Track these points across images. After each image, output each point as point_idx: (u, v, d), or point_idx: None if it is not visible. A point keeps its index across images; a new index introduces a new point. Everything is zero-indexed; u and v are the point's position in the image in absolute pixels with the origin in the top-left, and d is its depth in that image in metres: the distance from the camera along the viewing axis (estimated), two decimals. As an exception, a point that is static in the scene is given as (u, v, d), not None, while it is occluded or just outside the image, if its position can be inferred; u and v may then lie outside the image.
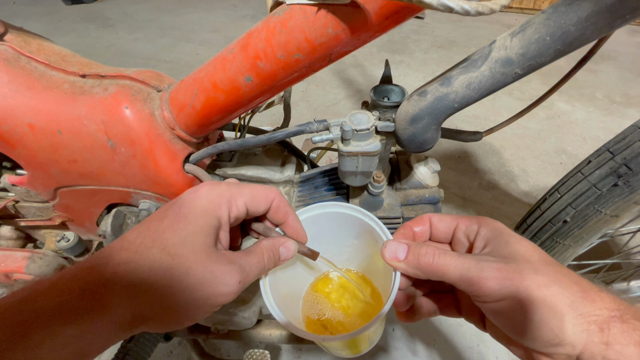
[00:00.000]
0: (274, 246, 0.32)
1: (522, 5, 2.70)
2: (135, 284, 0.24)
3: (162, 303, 0.25)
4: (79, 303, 0.23)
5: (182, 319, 0.27)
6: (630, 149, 0.49)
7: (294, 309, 0.40)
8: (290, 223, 0.34)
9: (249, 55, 0.35)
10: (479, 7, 0.24)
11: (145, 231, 0.27)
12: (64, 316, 0.22)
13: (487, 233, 0.30)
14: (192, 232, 0.27)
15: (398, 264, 0.30)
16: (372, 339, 0.39)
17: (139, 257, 0.25)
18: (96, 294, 0.23)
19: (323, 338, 0.30)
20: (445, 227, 0.33)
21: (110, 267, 0.25)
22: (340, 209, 0.38)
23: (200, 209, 0.28)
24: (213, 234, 0.28)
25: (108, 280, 0.24)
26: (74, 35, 2.57)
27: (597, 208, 0.53)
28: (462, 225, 0.32)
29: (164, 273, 0.25)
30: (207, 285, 0.26)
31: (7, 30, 0.42)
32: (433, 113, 0.35)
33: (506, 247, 0.28)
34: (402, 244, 0.30)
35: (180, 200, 0.29)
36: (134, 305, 0.24)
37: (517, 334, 0.25)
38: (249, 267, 0.29)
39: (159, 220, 0.28)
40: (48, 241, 0.59)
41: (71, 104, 0.41)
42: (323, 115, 1.65)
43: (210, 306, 0.27)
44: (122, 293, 0.24)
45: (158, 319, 0.26)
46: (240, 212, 0.31)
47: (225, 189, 0.30)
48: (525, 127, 1.53)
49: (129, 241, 0.27)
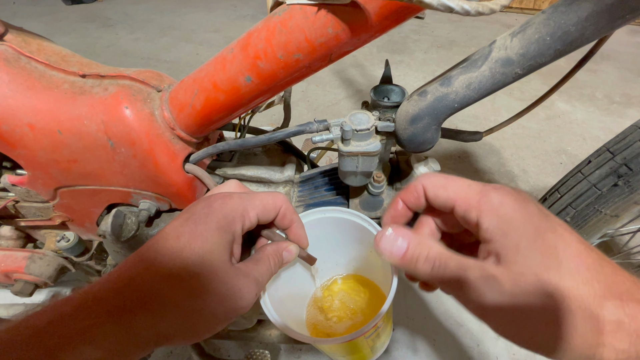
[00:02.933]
0: (278, 251, 0.33)
1: (522, 5, 2.70)
2: (158, 305, 0.25)
3: (185, 322, 0.26)
4: (105, 328, 0.23)
5: (203, 334, 0.28)
6: (630, 149, 0.49)
7: (297, 312, 0.40)
8: (294, 229, 0.35)
9: (249, 55, 0.35)
10: (479, 7, 0.24)
11: (163, 249, 0.27)
12: (91, 340, 0.23)
13: (490, 226, 0.23)
14: (209, 251, 0.27)
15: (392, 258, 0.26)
16: (375, 347, 0.39)
17: (159, 279, 0.26)
18: (122, 318, 0.24)
19: (315, 340, 0.30)
20: (440, 203, 0.27)
21: (132, 289, 0.25)
22: (340, 214, 0.38)
23: (216, 225, 0.28)
24: (229, 249, 0.29)
25: (132, 304, 0.25)
26: (74, 35, 2.57)
27: (597, 208, 0.53)
28: (459, 209, 0.25)
29: (185, 292, 0.26)
30: (228, 301, 0.27)
31: (7, 30, 0.42)
32: (433, 113, 0.35)
33: (515, 257, 0.21)
34: (399, 237, 0.26)
35: (194, 215, 0.29)
36: (158, 327, 0.25)
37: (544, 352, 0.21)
38: (261, 277, 0.30)
39: (175, 238, 0.28)
40: (48, 241, 0.59)
41: (71, 104, 0.41)
42: (323, 115, 1.65)
43: (229, 319, 0.28)
44: (146, 316, 0.25)
45: (181, 336, 0.26)
46: (252, 224, 0.32)
47: (238, 203, 0.30)
48: (525, 127, 1.53)
49: (148, 261, 0.27)
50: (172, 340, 0.26)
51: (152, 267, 0.26)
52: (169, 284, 0.26)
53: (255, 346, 0.80)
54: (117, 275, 0.26)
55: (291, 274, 0.39)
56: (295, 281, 0.40)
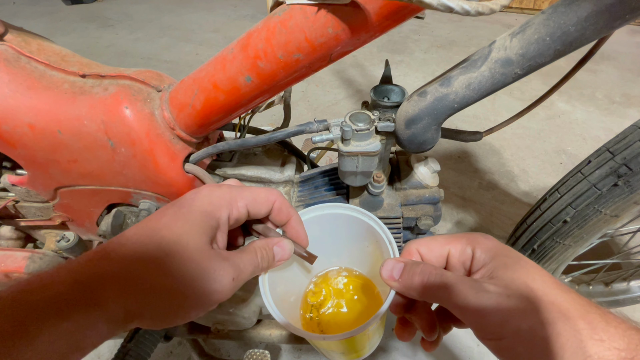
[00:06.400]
0: (267, 245, 0.32)
1: (522, 5, 2.70)
2: (129, 280, 0.25)
3: (155, 300, 0.25)
4: (73, 296, 0.23)
5: (175, 316, 0.27)
6: (630, 149, 0.49)
7: (292, 309, 0.40)
8: (292, 225, 0.34)
9: (249, 55, 0.35)
10: (479, 7, 0.24)
11: (143, 229, 0.27)
12: (59, 309, 0.22)
13: (482, 255, 0.28)
14: (188, 231, 0.27)
15: (393, 283, 0.29)
16: (371, 343, 0.39)
17: (134, 254, 0.26)
18: (90, 288, 0.24)
19: (323, 337, 0.30)
20: (436, 256, 0.31)
21: (105, 262, 0.25)
22: (341, 210, 0.38)
23: (199, 209, 0.28)
24: (209, 233, 0.28)
25: (102, 276, 0.24)
26: (74, 35, 2.57)
27: (597, 208, 0.53)
28: (454, 251, 0.30)
29: (157, 270, 0.25)
30: (200, 282, 0.26)
31: (7, 30, 0.42)
32: (433, 113, 0.35)
33: (505, 271, 0.26)
34: (399, 262, 0.29)
35: (180, 200, 0.29)
36: (127, 302, 0.24)
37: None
38: (242, 264, 0.29)
39: (157, 219, 0.28)
40: (48, 241, 0.59)
41: (71, 104, 0.41)
42: (323, 115, 1.65)
43: (204, 304, 0.27)
44: (115, 289, 0.24)
45: (151, 315, 0.26)
46: (240, 214, 0.31)
47: (226, 191, 0.30)
48: (525, 127, 1.53)
49: (126, 238, 0.27)
50: (142, 320, 0.26)
51: (128, 244, 0.26)
52: (142, 261, 0.25)
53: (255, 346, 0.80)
54: (94, 250, 0.26)
55: (289, 271, 0.39)
56: (293, 278, 0.40)
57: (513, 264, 0.26)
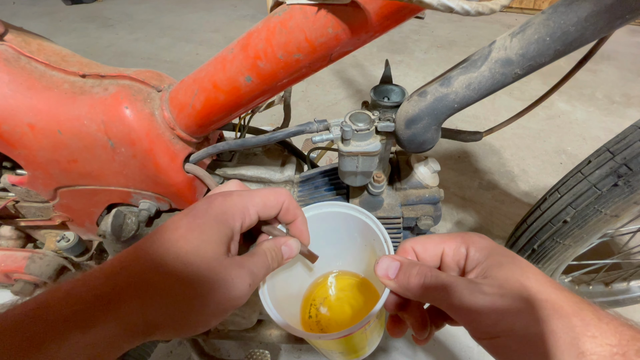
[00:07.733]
0: (276, 246, 0.32)
1: (522, 5, 2.70)
2: (149, 292, 0.25)
3: (175, 311, 0.26)
4: (93, 312, 0.23)
5: (196, 326, 0.27)
6: (630, 149, 0.49)
7: (292, 309, 0.40)
8: (297, 224, 0.35)
9: (249, 55, 0.35)
10: (479, 7, 0.24)
11: (159, 240, 0.27)
12: (78, 325, 0.22)
13: (476, 254, 0.28)
14: (205, 241, 0.27)
15: (389, 282, 0.30)
16: (371, 343, 0.39)
17: (152, 266, 0.26)
18: (110, 302, 0.24)
19: (319, 336, 0.30)
20: (430, 255, 0.31)
21: (123, 275, 0.25)
22: (336, 208, 0.38)
23: (214, 219, 0.29)
24: (226, 242, 0.29)
25: (121, 289, 0.24)
26: (74, 35, 2.57)
27: (597, 208, 0.53)
28: (448, 250, 0.30)
29: (177, 281, 0.26)
30: (220, 290, 0.27)
31: (7, 30, 0.42)
32: (433, 113, 0.35)
33: (499, 270, 0.26)
34: (395, 260, 0.30)
35: (193, 210, 0.29)
36: (147, 314, 0.25)
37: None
38: (256, 269, 0.30)
39: (172, 230, 0.28)
40: (48, 241, 0.59)
41: (71, 104, 0.41)
42: (323, 115, 1.65)
43: (223, 311, 0.28)
44: (135, 302, 0.24)
45: (171, 326, 0.26)
46: (252, 221, 0.31)
47: (238, 200, 0.31)
48: (525, 127, 1.53)
49: (142, 250, 0.27)
50: (163, 331, 0.26)
51: (146, 256, 0.26)
52: (160, 272, 0.25)
53: (255, 346, 0.80)
54: (110, 263, 0.26)
55: (289, 271, 0.39)
56: (292, 278, 0.40)
57: (507, 262, 0.26)
